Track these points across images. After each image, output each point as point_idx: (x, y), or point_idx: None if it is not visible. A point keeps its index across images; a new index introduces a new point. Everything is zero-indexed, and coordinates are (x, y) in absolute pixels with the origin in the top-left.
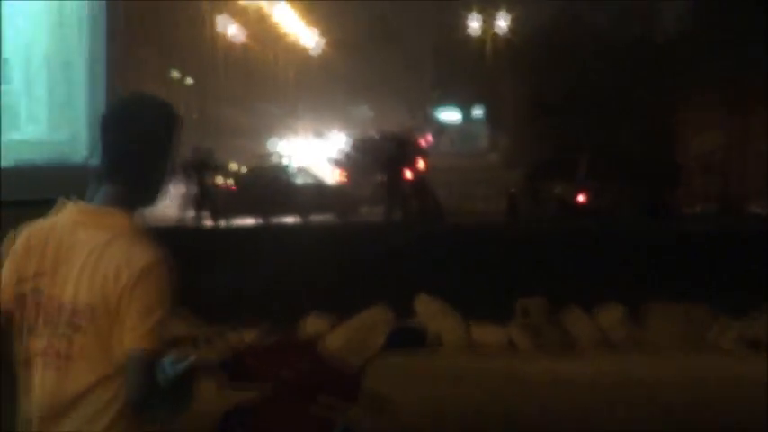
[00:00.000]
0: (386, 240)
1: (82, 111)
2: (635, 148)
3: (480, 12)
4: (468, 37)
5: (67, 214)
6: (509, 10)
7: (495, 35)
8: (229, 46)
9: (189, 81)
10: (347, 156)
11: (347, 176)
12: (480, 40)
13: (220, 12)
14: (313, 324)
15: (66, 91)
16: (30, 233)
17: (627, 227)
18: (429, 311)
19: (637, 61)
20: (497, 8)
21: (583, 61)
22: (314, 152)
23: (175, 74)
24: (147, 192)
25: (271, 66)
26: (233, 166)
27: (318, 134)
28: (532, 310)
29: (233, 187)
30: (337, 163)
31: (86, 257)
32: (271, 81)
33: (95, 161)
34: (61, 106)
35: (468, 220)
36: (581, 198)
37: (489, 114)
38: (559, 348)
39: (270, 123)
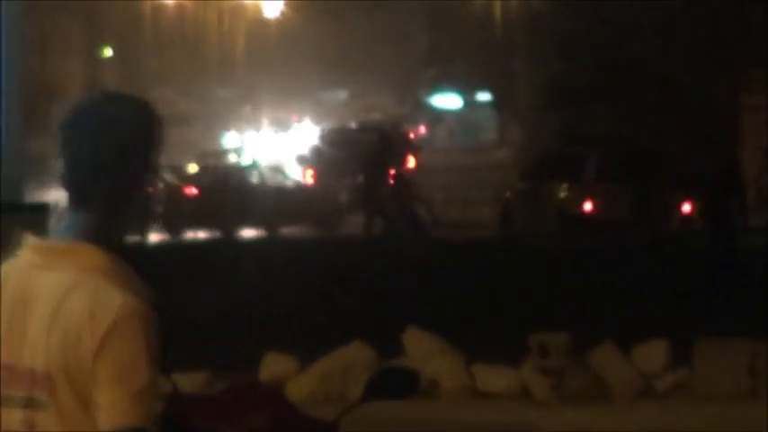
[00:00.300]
0: (365, 259)
1: None
2: (679, 142)
3: None
4: (472, 0)
5: (23, 255)
6: None
7: None
8: (160, 8)
9: (111, 55)
10: (316, 152)
11: (315, 178)
12: (487, 5)
13: None
14: (273, 366)
15: None
16: None
17: (666, 242)
18: (421, 350)
19: (683, 36)
20: None
21: (615, 34)
22: (274, 147)
23: (95, 47)
24: (126, 217)
25: (216, 35)
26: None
27: (279, 124)
28: (552, 349)
29: (191, 192)
30: (304, 161)
31: (43, 310)
32: (217, 55)
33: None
34: None
35: (472, 234)
36: (588, 206)
37: (497, 99)
38: (587, 397)
39: (218, 110)
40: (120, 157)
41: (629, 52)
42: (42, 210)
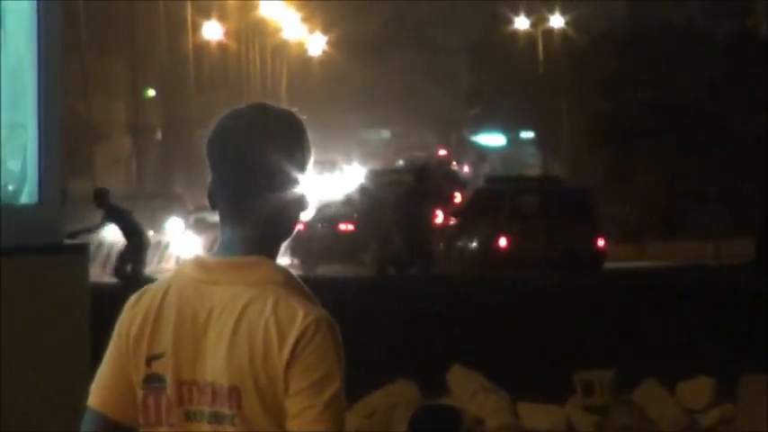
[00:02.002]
0: (412, 297)
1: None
2: (725, 179)
3: (530, 11)
4: (515, 39)
5: (186, 273)
6: (567, 7)
7: (549, 36)
8: (203, 48)
9: (153, 96)
10: (362, 191)
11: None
12: (530, 44)
13: (189, 2)
14: None
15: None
16: (133, 307)
17: (707, 274)
18: (466, 388)
19: (733, 71)
20: (551, 4)
21: (664, 71)
22: (319, 187)
23: (138, 88)
24: (284, 228)
25: (256, 73)
26: None
27: (324, 164)
28: (597, 386)
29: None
30: (350, 201)
31: (221, 325)
32: (260, 95)
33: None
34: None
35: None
36: (503, 242)
37: (541, 138)
38: None
39: None
40: (278, 172)
41: (673, 92)
42: (82, 251)
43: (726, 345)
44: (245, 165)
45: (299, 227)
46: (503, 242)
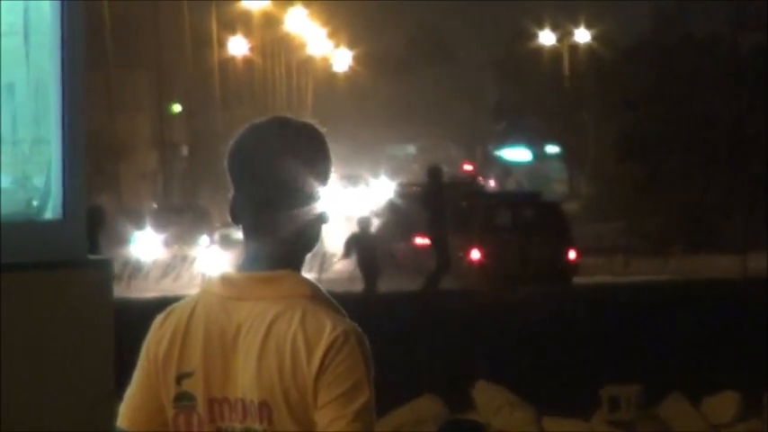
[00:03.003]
0: (435, 311)
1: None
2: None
3: (555, 26)
4: (540, 54)
5: (212, 289)
6: (592, 21)
7: (575, 51)
8: (229, 63)
9: (179, 111)
10: (390, 206)
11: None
12: (555, 58)
13: (215, 17)
14: None
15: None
16: (160, 327)
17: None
18: (491, 403)
19: (759, 84)
20: (576, 19)
21: (690, 84)
22: (345, 201)
23: (163, 103)
24: (309, 241)
25: (282, 88)
26: None
27: (350, 179)
28: (623, 401)
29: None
30: (378, 215)
31: (249, 340)
32: (286, 110)
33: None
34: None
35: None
36: (476, 254)
37: (567, 152)
38: None
39: None
40: (300, 185)
41: (699, 105)
42: (106, 267)
43: (751, 360)
44: (270, 178)
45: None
46: (475, 254)
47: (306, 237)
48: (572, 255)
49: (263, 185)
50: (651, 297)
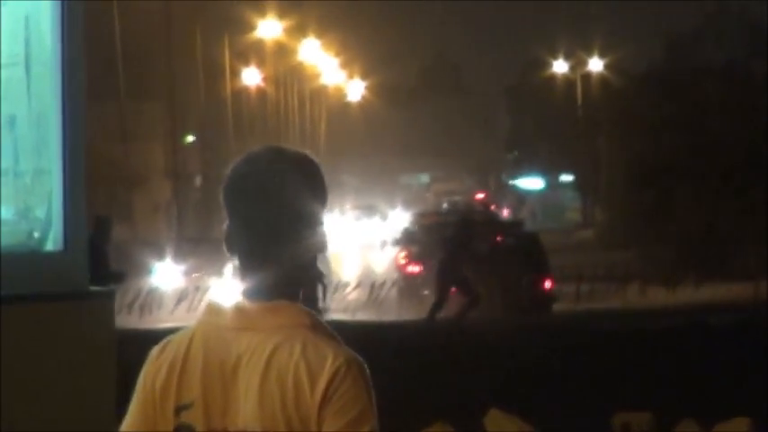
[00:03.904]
0: (447, 342)
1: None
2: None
3: (568, 55)
4: (553, 82)
5: (210, 320)
6: (605, 50)
7: (587, 79)
8: (242, 93)
9: (192, 141)
10: (407, 235)
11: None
12: (568, 87)
13: (228, 48)
14: None
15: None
16: (157, 359)
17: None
18: (504, 431)
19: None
20: (589, 48)
21: (704, 112)
22: (358, 231)
23: (177, 134)
24: (307, 270)
25: (295, 118)
26: None
27: (364, 209)
28: (635, 427)
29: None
30: (397, 243)
31: (250, 371)
32: (295, 138)
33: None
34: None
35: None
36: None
37: (580, 181)
38: None
39: None
40: (295, 215)
41: (713, 133)
42: (108, 297)
43: (763, 386)
44: (265, 208)
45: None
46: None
47: (303, 266)
48: (547, 284)
49: (259, 215)
50: (663, 323)
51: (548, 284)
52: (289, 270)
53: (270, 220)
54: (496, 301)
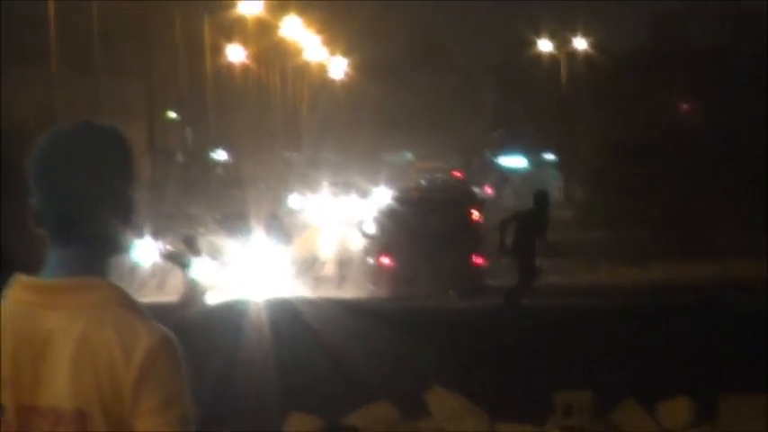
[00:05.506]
0: (391, 320)
1: None
2: (736, 198)
3: (553, 34)
4: (538, 61)
5: (18, 296)
6: (590, 29)
7: (572, 58)
8: (224, 70)
9: (174, 118)
10: (388, 212)
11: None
12: (552, 66)
13: (209, 24)
14: (296, 425)
15: None
16: None
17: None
18: (445, 409)
19: (753, 92)
20: (574, 26)
21: (687, 90)
22: (341, 208)
23: (158, 110)
24: (114, 245)
25: (276, 95)
26: None
27: (345, 186)
28: (576, 407)
29: None
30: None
31: (61, 348)
32: (278, 115)
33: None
34: None
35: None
36: (385, 260)
37: (561, 160)
38: None
39: (281, 171)
40: (102, 189)
41: (686, 113)
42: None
43: (705, 365)
44: (71, 184)
45: None
46: (385, 260)
47: (111, 242)
48: (479, 260)
49: (64, 191)
50: (620, 304)
51: (478, 260)
52: (94, 247)
53: (74, 193)
54: (427, 276)
